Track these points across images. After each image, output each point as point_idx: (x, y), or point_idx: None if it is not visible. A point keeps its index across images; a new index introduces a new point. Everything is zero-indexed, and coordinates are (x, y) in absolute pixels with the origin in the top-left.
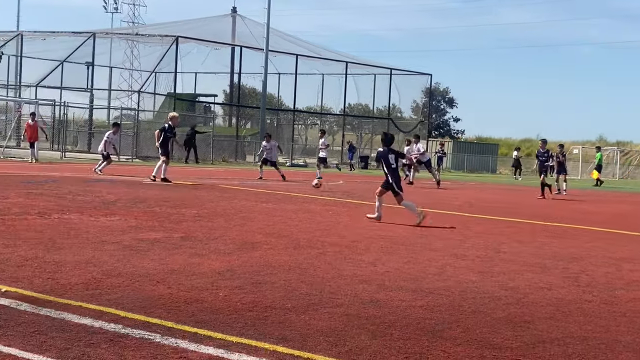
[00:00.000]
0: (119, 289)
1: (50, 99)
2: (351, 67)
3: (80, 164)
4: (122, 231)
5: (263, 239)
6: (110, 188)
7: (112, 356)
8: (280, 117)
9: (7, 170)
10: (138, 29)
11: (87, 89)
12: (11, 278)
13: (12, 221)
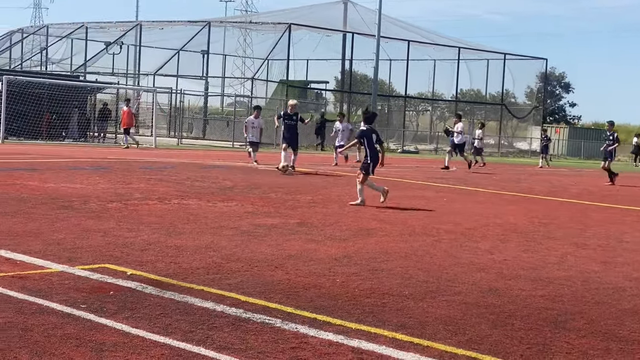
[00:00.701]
0: (238, 274)
1: (167, 86)
2: (463, 53)
3: (196, 150)
4: (239, 217)
5: (378, 225)
6: (226, 174)
7: (235, 340)
8: (391, 103)
9: (127, 156)
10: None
11: (202, 76)
12: (136, 262)
13: (135, 206)
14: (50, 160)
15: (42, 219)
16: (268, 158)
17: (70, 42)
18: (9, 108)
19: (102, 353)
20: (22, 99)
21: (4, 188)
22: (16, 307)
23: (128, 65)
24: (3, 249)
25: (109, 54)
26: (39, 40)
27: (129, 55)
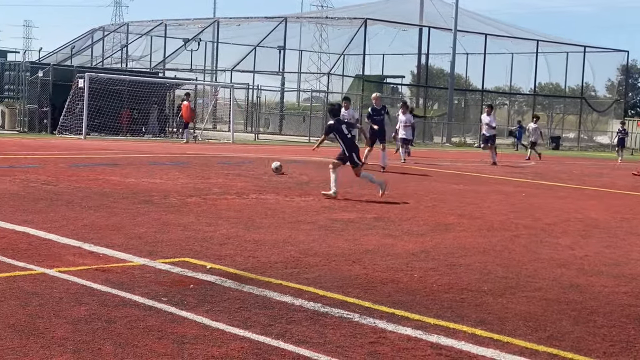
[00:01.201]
0: (316, 268)
1: (244, 82)
2: (542, 46)
3: (272, 145)
4: (316, 211)
5: (455, 220)
6: (303, 169)
7: (313, 334)
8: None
9: (206, 151)
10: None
11: (278, 72)
12: (215, 255)
13: (214, 201)
14: (131, 155)
15: (123, 213)
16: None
17: (150, 39)
18: (90, 105)
19: (183, 345)
20: (103, 96)
21: (87, 183)
22: (100, 299)
23: (206, 62)
24: (87, 242)
25: (187, 51)
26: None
27: (206, 51)
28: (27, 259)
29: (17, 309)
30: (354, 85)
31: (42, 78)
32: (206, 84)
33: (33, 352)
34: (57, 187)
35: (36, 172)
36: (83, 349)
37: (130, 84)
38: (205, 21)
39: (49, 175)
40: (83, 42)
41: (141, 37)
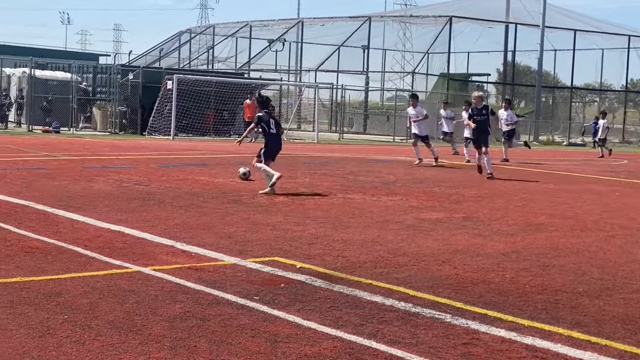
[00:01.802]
0: (405, 268)
1: (328, 82)
2: (634, 41)
3: (357, 144)
4: (404, 211)
5: (547, 220)
6: (389, 168)
7: (405, 334)
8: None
9: (291, 151)
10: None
11: (362, 71)
12: (304, 255)
13: (301, 200)
14: (218, 156)
15: (213, 212)
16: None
17: (235, 40)
18: (178, 106)
19: (276, 344)
20: (191, 97)
21: (177, 183)
22: (194, 297)
23: (290, 62)
24: (179, 241)
25: (272, 51)
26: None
27: (290, 51)
28: (122, 258)
29: (115, 306)
30: (438, 83)
31: (132, 80)
32: (291, 84)
33: (132, 348)
34: (148, 187)
35: (128, 172)
36: (179, 346)
37: (216, 85)
38: (290, 22)
39: (140, 175)
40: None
41: (227, 39)
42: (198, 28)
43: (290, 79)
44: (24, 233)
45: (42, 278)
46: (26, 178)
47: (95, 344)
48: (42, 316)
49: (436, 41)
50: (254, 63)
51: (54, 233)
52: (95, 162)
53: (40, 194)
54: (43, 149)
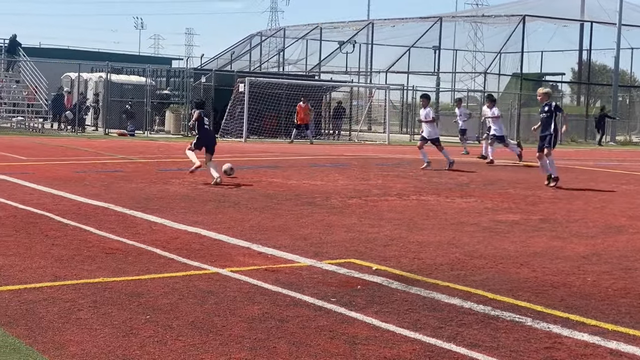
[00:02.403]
0: (483, 271)
1: (399, 83)
2: None
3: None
4: (478, 213)
5: (627, 222)
6: (462, 170)
7: (485, 337)
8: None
9: (362, 153)
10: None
11: (433, 72)
12: (380, 257)
13: (374, 202)
14: (291, 157)
15: (287, 214)
16: (501, 153)
17: (306, 42)
18: (250, 108)
19: (355, 346)
20: (262, 99)
21: (252, 185)
22: (271, 299)
23: (360, 64)
24: (255, 243)
25: (342, 53)
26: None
27: (361, 53)
28: (200, 259)
29: (195, 307)
30: (511, 83)
31: (204, 83)
32: (361, 85)
33: (213, 348)
34: (223, 189)
35: (203, 174)
36: (259, 347)
37: (287, 87)
38: (360, 23)
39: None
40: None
41: (297, 41)
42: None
43: (360, 81)
44: (104, 234)
45: (124, 279)
46: (104, 180)
47: (177, 344)
48: (125, 316)
49: (509, 41)
50: (324, 65)
51: (133, 235)
52: (170, 164)
53: (118, 196)
54: (119, 152)
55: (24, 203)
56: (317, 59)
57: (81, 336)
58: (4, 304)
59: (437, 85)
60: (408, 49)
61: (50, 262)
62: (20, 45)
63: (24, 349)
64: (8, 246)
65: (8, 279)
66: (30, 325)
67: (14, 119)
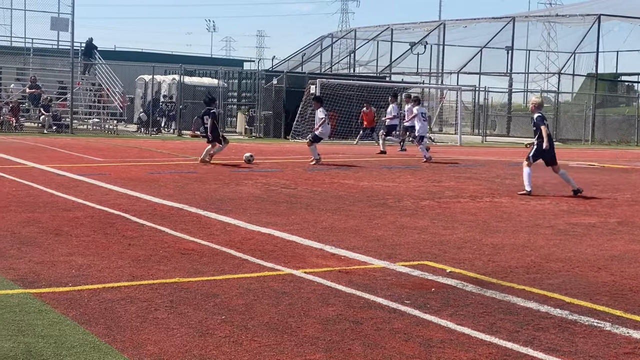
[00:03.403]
0: (559, 274)
1: (470, 84)
2: None
3: (501, 147)
4: (554, 215)
5: None
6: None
7: (563, 342)
8: None
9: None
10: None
11: (505, 73)
12: (453, 259)
13: (447, 204)
14: (362, 159)
15: (360, 216)
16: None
17: (376, 44)
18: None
19: (430, 349)
20: (333, 101)
21: (323, 186)
22: (345, 300)
23: (431, 65)
24: (328, 244)
25: (414, 54)
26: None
27: (432, 54)
28: (274, 260)
29: (270, 308)
30: (585, 84)
31: (276, 85)
32: (432, 86)
33: (288, 349)
34: (295, 190)
35: (275, 176)
36: (334, 348)
37: (358, 88)
38: (431, 24)
39: (287, 179)
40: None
41: (368, 42)
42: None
43: (431, 82)
44: (179, 235)
45: (199, 279)
46: (178, 182)
47: (252, 344)
48: (200, 316)
49: (583, 40)
50: (395, 66)
51: (207, 235)
52: (244, 166)
53: (192, 196)
54: (192, 153)
55: (101, 203)
56: (388, 60)
57: (158, 335)
58: (83, 302)
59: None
60: (480, 50)
61: (127, 262)
62: (96, 48)
63: (104, 348)
64: (87, 246)
65: (87, 278)
66: (109, 324)
67: (90, 121)
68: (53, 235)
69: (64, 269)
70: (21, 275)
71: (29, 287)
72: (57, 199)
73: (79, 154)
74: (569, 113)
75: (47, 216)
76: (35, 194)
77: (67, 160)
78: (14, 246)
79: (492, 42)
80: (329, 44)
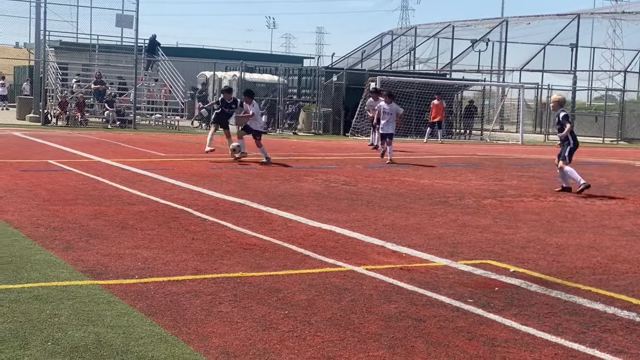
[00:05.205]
0: (626, 276)
1: (533, 82)
2: None
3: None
4: (620, 216)
5: None
6: (601, 171)
7: (631, 344)
8: None
9: (495, 152)
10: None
11: (569, 71)
12: (517, 259)
13: (510, 203)
14: (422, 156)
15: (421, 213)
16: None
17: (437, 41)
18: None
19: (494, 348)
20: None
21: (383, 184)
22: (407, 298)
23: (493, 62)
24: (389, 241)
25: (475, 52)
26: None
27: (493, 51)
28: (335, 256)
29: (332, 304)
30: None
31: (336, 82)
32: (494, 84)
33: (351, 345)
34: (355, 187)
35: (335, 172)
36: (397, 345)
37: (418, 86)
38: (494, 21)
39: (347, 175)
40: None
41: (428, 40)
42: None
43: (493, 79)
44: (241, 230)
45: (262, 274)
46: (239, 177)
47: (315, 339)
48: (264, 310)
49: None
50: (456, 64)
51: (269, 231)
52: (303, 162)
53: (253, 192)
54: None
55: (164, 198)
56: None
57: (223, 329)
58: (150, 295)
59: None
60: (543, 47)
61: (191, 256)
62: (159, 45)
63: (170, 339)
64: (152, 239)
65: (153, 271)
66: (174, 316)
67: (153, 117)
68: (119, 228)
69: (130, 262)
70: (89, 266)
71: (98, 279)
72: (122, 192)
73: (142, 149)
74: (635, 112)
75: (113, 209)
76: (101, 187)
77: (131, 155)
78: (82, 238)
79: (556, 40)
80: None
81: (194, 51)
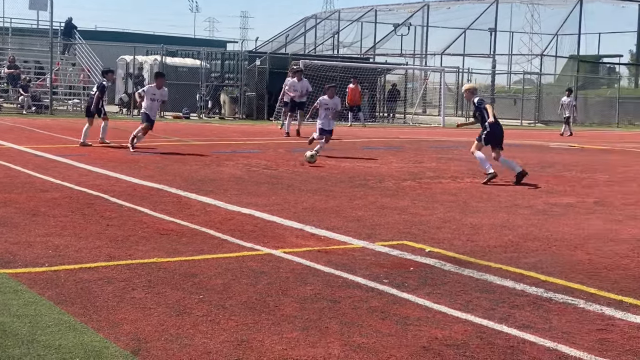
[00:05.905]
0: (536, 253)
1: (454, 66)
2: None
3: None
4: (533, 195)
5: None
6: (516, 152)
7: (537, 319)
8: None
9: (416, 136)
10: None
11: (489, 55)
12: (433, 239)
13: (428, 185)
14: (344, 140)
15: (341, 196)
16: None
17: (360, 25)
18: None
19: (407, 327)
20: (316, 82)
21: (305, 168)
22: (324, 280)
23: (415, 46)
24: (308, 224)
25: (397, 36)
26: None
27: (415, 35)
28: (253, 240)
29: (248, 287)
30: (567, 66)
31: (259, 66)
32: (416, 68)
33: (265, 328)
34: (276, 171)
35: (257, 157)
36: (311, 327)
37: (342, 70)
38: (415, 5)
39: (268, 159)
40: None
41: (352, 24)
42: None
43: (415, 63)
44: (159, 215)
45: (178, 259)
46: (159, 163)
47: (229, 323)
48: (178, 296)
49: (566, 22)
50: (379, 48)
51: (187, 216)
52: (225, 147)
53: (172, 177)
54: (174, 134)
55: (79, 184)
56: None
57: (135, 315)
58: (60, 282)
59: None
60: (464, 31)
61: (105, 243)
62: (76, 28)
63: (79, 327)
64: (64, 226)
65: (64, 258)
66: (85, 304)
67: (70, 102)
68: (30, 215)
69: (40, 250)
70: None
71: (5, 267)
72: (35, 179)
73: (58, 135)
74: (551, 95)
75: (24, 197)
76: (13, 174)
77: (46, 141)
78: None
79: (476, 24)
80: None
81: (114, 35)
